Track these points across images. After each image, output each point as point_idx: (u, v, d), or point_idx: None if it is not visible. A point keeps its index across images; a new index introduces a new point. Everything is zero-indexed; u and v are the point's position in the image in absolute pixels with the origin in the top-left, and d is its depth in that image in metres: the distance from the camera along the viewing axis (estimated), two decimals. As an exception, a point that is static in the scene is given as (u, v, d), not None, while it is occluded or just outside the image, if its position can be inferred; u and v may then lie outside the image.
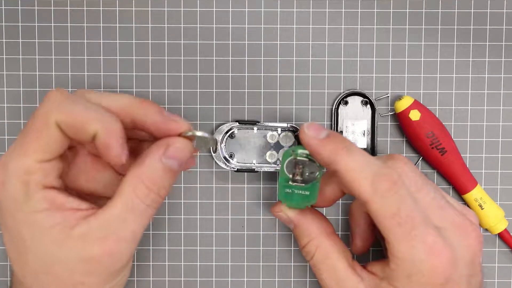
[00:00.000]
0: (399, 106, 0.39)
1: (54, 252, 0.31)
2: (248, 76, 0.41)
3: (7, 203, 0.31)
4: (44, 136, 0.30)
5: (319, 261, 0.35)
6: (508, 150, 0.41)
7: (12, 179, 0.31)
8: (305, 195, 0.34)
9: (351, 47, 0.41)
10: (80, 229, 0.31)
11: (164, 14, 0.41)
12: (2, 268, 0.41)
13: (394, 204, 0.31)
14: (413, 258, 0.31)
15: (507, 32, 0.41)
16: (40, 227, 0.31)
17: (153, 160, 0.31)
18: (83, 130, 0.30)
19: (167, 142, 0.32)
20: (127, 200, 0.31)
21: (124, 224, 0.31)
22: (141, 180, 0.31)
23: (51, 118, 0.30)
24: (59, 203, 0.31)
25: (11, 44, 0.41)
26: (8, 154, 0.31)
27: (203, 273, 0.42)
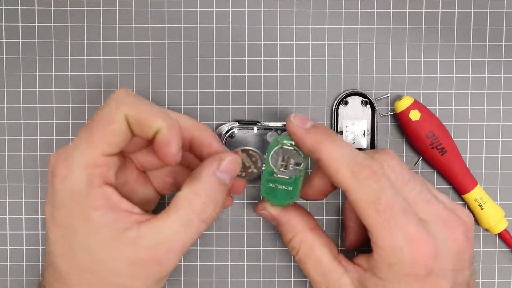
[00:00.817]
0: (399, 106, 0.39)
1: (104, 251, 0.31)
2: (248, 76, 0.41)
3: (65, 197, 0.31)
4: (112, 128, 0.31)
5: (304, 255, 0.35)
6: (508, 150, 0.41)
7: (76, 171, 0.31)
8: (288, 191, 0.35)
9: (351, 47, 0.41)
10: (132, 233, 0.31)
11: (164, 14, 0.41)
12: (2, 268, 0.41)
13: (374, 192, 0.31)
14: (393, 247, 0.31)
15: (507, 32, 0.41)
16: (95, 224, 0.31)
17: (208, 175, 0.32)
18: (148, 125, 0.31)
19: (219, 157, 0.33)
20: (183, 214, 0.32)
21: (176, 236, 0.31)
22: (197, 194, 0.32)
23: (120, 111, 0.31)
24: (114, 203, 0.32)
25: (11, 44, 0.41)
26: (72, 147, 0.32)
27: (203, 273, 0.42)
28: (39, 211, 0.41)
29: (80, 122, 0.41)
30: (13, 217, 0.41)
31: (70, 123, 0.41)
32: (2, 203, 0.41)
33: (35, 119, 0.41)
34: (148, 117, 0.31)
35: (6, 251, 0.41)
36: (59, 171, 0.31)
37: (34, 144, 0.41)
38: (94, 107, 0.41)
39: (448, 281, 0.32)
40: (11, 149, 0.41)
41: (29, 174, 0.41)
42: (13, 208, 0.41)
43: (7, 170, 0.41)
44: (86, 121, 0.41)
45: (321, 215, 0.41)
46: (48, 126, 0.41)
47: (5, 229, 0.41)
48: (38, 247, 0.41)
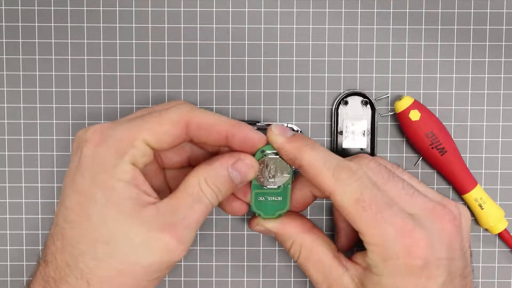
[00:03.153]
0: (399, 106, 0.39)
1: (123, 223, 0.31)
2: (248, 76, 0.41)
3: (92, 163, 0.32)
4: (168, 128, 0.32)
5: (305, 258, 0.35)
6: (508, 150, 0.41)
7: (112, 141, 0.32)
8: (278, 202, 0.36)
9: (351, 47, 0.41)
10: (150, 211, 0.32)
11: (164, 14, 0.41)
12: (2, 268, 0.42)
13: (357, 190, 0.32)
14: (384, 240, 0.32)
15: (507, 32, 0.41)
16: (117, 194, 0.31)
17: (221, 166, 0.33)
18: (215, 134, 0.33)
19: (239, 155, 0.34)
20: (193, 191, 0.33)
21: (191, 211, 0.32)
22: (206, 179, 0.33)
23: (183, 116, 0.32)
24: (137, 182, 0.32)
25: (11, 44, 0.41)
26: (119, 123, 0.33)
27: (203, 273, 0.42)
28: (39, 211, 0.41)
29: (80, 122, 0.41)
30: (13, 217, 0.41)
31: (70, 123, 0.41)
32: (2, 203, 0.41)
33: (35, 119, 0.41)
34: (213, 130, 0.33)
35: (6, 251, 0.41)
36: (94, 137, 0.32)
37: (34, 144, 0.41)
38: (94, 107, 0.41)
39: (443, 271, 0.32)
40: (11, 149, 0.41)
41: (29, 174, 0.41)
42: (13, 208, 0.41)
43: (7, 170, 0.41)
44: (86, 121, 0.41)
45: (321, 215, 0.41)
46: (48, 126, 0.41)
47: (5, 229, 0.41)
48: (38, 247, 0.41)
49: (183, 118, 0.32)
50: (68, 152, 0.41)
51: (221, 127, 0.33)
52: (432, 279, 0.32)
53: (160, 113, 0.33)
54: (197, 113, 0.33)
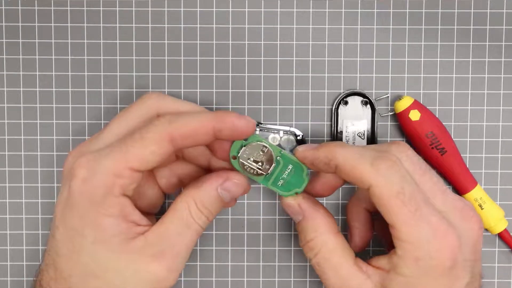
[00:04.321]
0: (399, 106, 0.39)
1: (112, 259, 0.32)
2: (248, 76, 0.41)
3: (80, 199, 0.32)
4: (153, 148, 0.31)
5: (324, 258, 0.34)
6: (508, 150, 0.41)
7: (99, 176, 0.31)
8: (295, 179, 0.35)
9: (351, 47, 0.41)
10: (140, 242, 0.32)
11: (164, 14, 0.41)
12: (2, 268, 0.42)
13: (398, 183, 0.31)
14: (419, 239, 0.31)
15: (507, 32, 0.41)
16: (105, 231, 0.31)
17: (210, 188, 0.33)
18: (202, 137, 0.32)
19: (227, 175, 0.34)
20: (182, 216, 0.33)
21: (180, 238, 0.32)
22: (195, 202, 0.33)
23: (165, 132, 0.31)
24: (126, 213, 0.32)
25: (11, 44, 0.41)
26: (102, 151, 0.32)
27: (203, 273, 0.42)
28: (39, 211, 0.41)
29: (80, 122, 0.41)
30: (13, 217, 0.41)
31: (70, 123, 0.41)
32: (2, 203, 0.41)
33: (35, 119, 0.41)
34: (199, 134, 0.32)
35: (6, 251, 0.41)
36: (81, 172, 0.31)
37: (34, 144, 0.41)
38: (94, 107, 0.41)
39: (469, 272, 0.32)
40: (11, 149, 0.41)
41: (30, 174, 0.41)
42: (13, 208, 0.41)
43: (7, 170, 0.41)
44: (86, 121, 0.41)
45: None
46: (48, 126, 0.41)
47: (5, 229, 0.41)
48: (38, 247, 0.41)
49: (166, 135, 0.32)
50: (68, 151, 0.41)
51: (205, 129, 0.32)
52: (459, 280, 0.32)
53: (141, 134, 0.32)
54: (177, 125, 0.32)
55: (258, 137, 0.35)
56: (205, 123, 0.32)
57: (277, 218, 0.41)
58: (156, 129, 0.32)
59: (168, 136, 0.31)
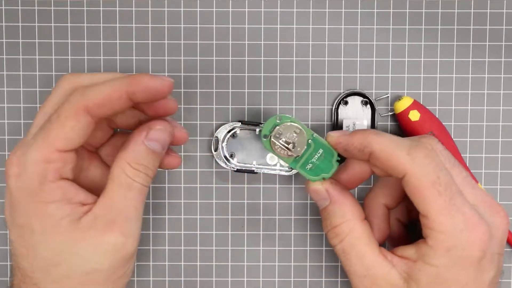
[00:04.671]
0: (398, 106, 0.39)
1: (66, 243, 0.32)
2: (248, 76, 0.41)
3: (19, 195, 0.32)
4: (71, 124, 0.31)
5: (350, 245, 0.33)
6: (508, 150, 0.41)
7: (29, 168, 0.31)
8: (325, 164, 0.34)
9: (351, 47, 0.41)
10: (87, 219, 0.32)
11: (164, 14, 0.41)
12: (2, 268, 0.41)
13: (434, 172, 0.31)
14: (453, 228, 0.31)
15: (507, 32, 0.41)
16: (51, 218, 0.31)
17: (136, 144, 0.33)
18: (116, 102, 0.31)
19: (148, 125, 0.33)
20: (121, 181, 0.32)
21: (125, 202, 0.32)
22: (128, 162, 0.33)
23: (79, 107, 0.31)
24: (70, 196, 0.32)
25: (11, 44, 0.41)
26: (27, 143, 0.32)
27: (203, 273, 0.42)
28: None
29: (80, 122, 0.41)
30: (13, 217, 0.41)
31: (70, 123, 0.41)
32: (2, 203, 0.41)
33: (35, 119, 0.41)
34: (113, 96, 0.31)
35: (6, 251, 0.41)
36: (13, 169, 0.32)
37: (34, 144, 0.41)
38: (94, 107, 0.41)
39: (495, 266, 0.32)
40: (11, 149, 0.41)
41: (29, 174, 0.41)
42: (13, 208, 0.41)
43: (7, 170, 0.41)
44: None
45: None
46: (48, 126, 0.41)
47: (5, 229, 0.41)
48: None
49: (80, 107, 0.31)
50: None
51: (118, 93, 0.31)
52: (486, 272, 0.32)
53: (57, 114, 0.32)
54: (89, 95, 0.31)
55: (292, 118, 0.34)
56: (117, 88, 0.31)
57: (277, 218, 0.41)
58: (70, 104, 0.31)
59: (83, 108, 0.31)
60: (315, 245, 0.42)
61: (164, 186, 0.41)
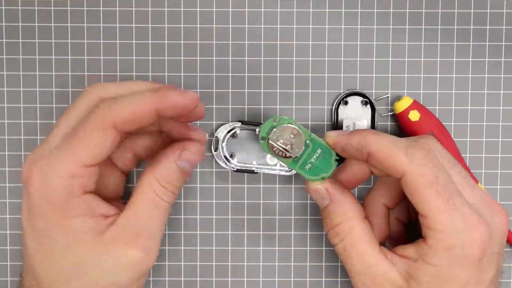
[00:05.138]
0: (398, 106, 0.39)
1: (88, 256, 0.32)
2: (248, 76, 0.41)
3: (43, 207, 0.31)
4: (98, 139, 0.31)
5: (350, 244, 0.34)
6: (508, 150, 0.41)
7: (55, 182, 0.31)
8: (323, 164, 0.34)
9: (351, 47, 0.41)
10: (111, 232, 0.32)
11: (164, 14, 0.41)
12: (2, 268, 0.41)
13: (432, 172, 0.31)
14: (453, 228, 0.31)
15: (507, 32, 0.41)
16: (75, 232, 0.32)
17: (169, 162, 0.34)
18: (145, 119, 0.31)
19: (183, 145, 0.34)
20: (149, 198, 0.33)
21: (151, 220, 0.33)
22: (157, 180, 0.33)
23: (107, 122, 0.31)
24: (93, 209, 0.32)
25: (11, 44, 0.41)
26: (51, 155, 0.31)
27: (203, 273, 0.42)
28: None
29: (80, 122, 0.41)
30: (13, 217, 0.41)
31: (70, 123, 0.41)
32: (2, 203, 0.41)
33: (35, 119, 0.41)
34: (140, 114, 0.31)
35: (6, 251, 0.41)
36: (36, 179, 0.31)
37: (34, 144, 0.41)
38: (94, 107, 0.41)
39: (495, 265, 0.32)
40: (11, 149, 0.41)
41: (29, 174, 0.41)
42: (13, 208, 0.41)
43: (7, 170, 0.41)
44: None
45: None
46: (48, 126, 0.41)
47: (5, 229, 0.41)
48: (38, 247, 0.41)
49: (107, 125, 0.31)
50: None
51: (148, 111, 0.31)
52: (486, 272, 0.32)
53: (84, 128, 0.31)
54: (117, 111, 0.31)
55: (289, 119, 0.34)
56: (145, 105, 0.31)
57: (277, 218, 0.41)
58: (97, 119, 0.31)
59: (111, 124, 0.31)
60: (315, 245, 0.42)
61: (164, 186, 0.41)
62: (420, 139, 0.33)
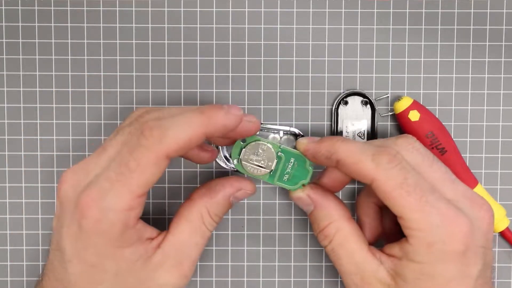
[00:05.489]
0: (398, 106, 0.39)
1: (136, 282, 0.32)
2: (248, 76, 0.41)
3: (96, 239, 0.31)
4: (152, 171, 0.31)
5: (338, 244, 0.34)
6: (508, 150, 0.41)
7: (111, 216, 0.31)
8: (300, 172, 0.35)
9: (351, 47, 0.41)
10: (157, 257, 0.33)
11: (164, 14, 0.41)
12: (2, 268, 0.41)
13: (400, 174, 0.31)
14: (430, 225, 0.31)
15: (507, 32, 0.41)
16: (127, 261, 0.32)
17: (224, 198, 0.35)
18: (195, 143, 0.32)
19: (240, 185, 0.35)
20: (196, 227, 0.34)
21: (195, 248, 0.34)
22: (208, 211, 0.34)
23: (161, 153, 0.31)
24: (141, 236, 0.33)
25: (11, 44, 0.41)
26: (103, 188, 0.31)
27: (203, 273, 0.42)
28: (39, 211, 0.41)
29: (80, 122, 0.41)
30: (13, 217, 0.41)
31: (70, 123, 0.41)
32: (2, 203, 0.41)
33: (35, 119, 0.41)
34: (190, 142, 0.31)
35: (6, 251, 0.41)
36: (91, 213, 0.31)
37: (34, 144, 0.41)
38: (94, 107, 0.41)
39: (481, 259, 0.32)
40: (11, 149, 0.41)
41: (29, 174, 0.41)
42: (13, 208, 0.41)
43: (7, 170, 0.41)
44: (86, 121, 0.41)
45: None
46: (48, 126, 0.41)
47: (5, 229, 0.41)
48: (38, 247, 0.41)
49: (160, 157, 0.31)
50: (68, 152, 0.41)
51: (196, 136, 0.31)
52: (472, 266, 0.32)
53: (136, 160, 0.31)
54: (169, 142, 0.31)
55: (256, 137, 0.35)
56: (196, 131, 0.31)
57: (277, 218, 0.41)
58: (150, 153, 0.30)
59: (165, 156, 0.31)
60: (315, 245, 0.42)
61: (164, 186, 0.41)
62: (396, 140, 0.34)
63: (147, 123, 0.31)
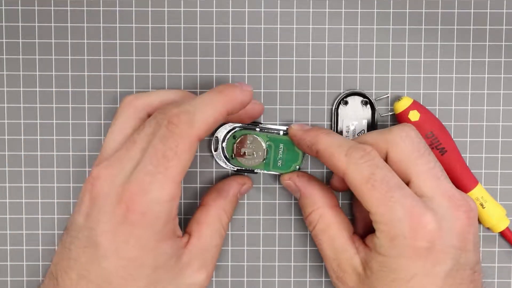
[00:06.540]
0: (398, 107, 0.39)
1: (169, 279, 0.33)
2: (248, 76, 0.41)
3: (140, 232, 0.31)
4: (188, 156, 0.32)
5: (321, 230, 0.36)
6: (508, 150, 0.41)
7: (157, 208, 0.31)
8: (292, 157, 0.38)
9: (351, 47, 0.41)
10: (186, 258, 0.34)
11: (164, 14, 0.41)
12: (2, 268, 0.42)
13: (368, 169, 0.33)
14: (391, 219, 0.32)
15: (507, 32, 0.41)
16: (164, 255, 0.32)
17: (234, 195, 0.38)
18: (220, 121, 0.33)
19: (243, 181, 0.39)
20: (216, 229, 0.36)
21: (217, 249, 0.36)
22: (224, 212, 0.37)
23: (193, 137, 0.32)
24: (175, 230, 0.34)
25: (11, 44, 0.41)
26: (146, 181, 0.31)
27: (203, 273, 0.42)
28: (39, 211, 0.41)
29: (80, 122, 0.41)
30: (13, 217, 0.41)
31: (70, 123, 0.41)
32: (2, 203, 0.41)
33: (35, 119, 0.41)
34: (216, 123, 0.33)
35: (6, 251, 0.41)
36: (137, 207, 0.31)
37: (34, 144, 0.41)
38: (94, 107, 0.41)
39: (451, 259, 0.32)
40: (11, 149, 0.41)
41: (29, 174, 0.41)
42: (13, 208, 0.41)
43: (7, 170, 0.41)
44: (86, 121, 0.41)
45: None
46: (48, 126, 0.41)
47: (5, 229, 0.41)
48: (38, 247, 0.41)
49: (193, 141, 0.31)
50: (68, 152, 0.41)
51: (221, 115, 0.33)
52: (438, 265, 0.32)
53: (172, 150, 0.31)
54: (199, 125, 0.32)
55: (243, 131, 0.38)
56: (222, 111, 0.33)
57: (277, 218, 0.41)
58: (182, 138, 0.31)
59: (197, 139, 0.32)
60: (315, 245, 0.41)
61: (164, 186, 0.41)
62: (393, 127, 0.35)
63: (171, 111, 0.32)
